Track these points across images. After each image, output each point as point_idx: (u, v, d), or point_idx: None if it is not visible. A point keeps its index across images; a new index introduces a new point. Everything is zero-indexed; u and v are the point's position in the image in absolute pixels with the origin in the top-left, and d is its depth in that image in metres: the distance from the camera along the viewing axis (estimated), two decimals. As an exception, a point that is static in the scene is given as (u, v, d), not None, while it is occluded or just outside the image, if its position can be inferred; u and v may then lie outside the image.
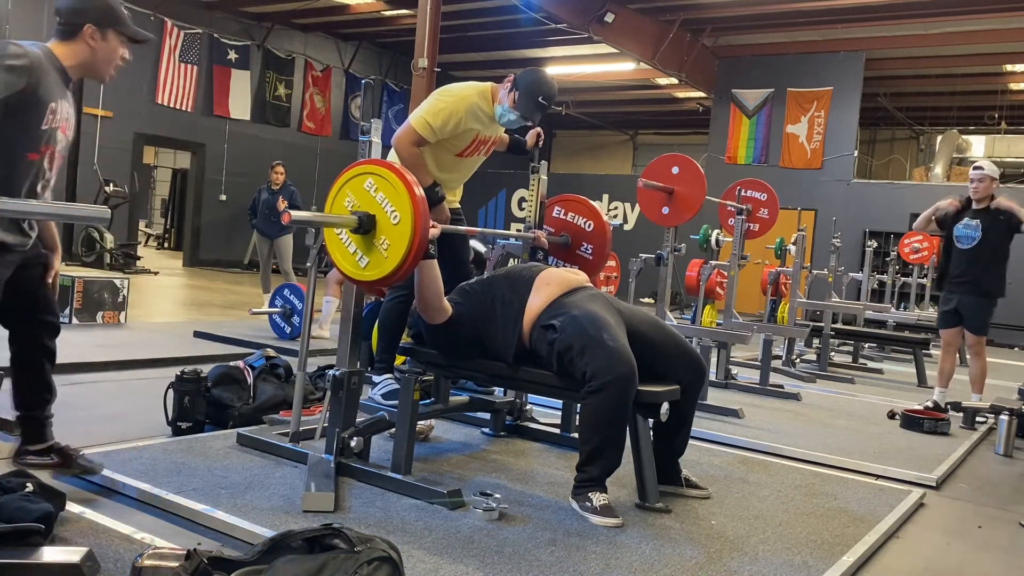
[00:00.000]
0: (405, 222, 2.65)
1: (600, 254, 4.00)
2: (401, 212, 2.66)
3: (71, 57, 2.43)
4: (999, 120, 16.46)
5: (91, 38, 2.43)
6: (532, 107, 3.57)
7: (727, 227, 6.51)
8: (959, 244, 5.59)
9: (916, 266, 11.41)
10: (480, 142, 3.75)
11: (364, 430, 3.09)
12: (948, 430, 4.97)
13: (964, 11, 12.45)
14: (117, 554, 2.18)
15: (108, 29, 2.46)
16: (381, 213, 2.71)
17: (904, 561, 2.81)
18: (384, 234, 2.70)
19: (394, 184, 2.69)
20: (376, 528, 2.49)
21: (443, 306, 3.17)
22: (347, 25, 16.18)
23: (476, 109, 3.62)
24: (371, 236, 2.73)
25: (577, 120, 20.92)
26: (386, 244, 2.70)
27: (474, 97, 3.63)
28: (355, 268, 2.80)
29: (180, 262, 15.59)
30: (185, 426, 3.53)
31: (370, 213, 2.72)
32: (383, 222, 2.71)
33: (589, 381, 2.81)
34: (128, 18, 2.53)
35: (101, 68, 2.50)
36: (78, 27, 2.42)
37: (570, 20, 12.95)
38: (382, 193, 2.71)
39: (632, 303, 5.99)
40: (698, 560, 2.52)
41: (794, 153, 15.66)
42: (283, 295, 6.43)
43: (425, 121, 3.55)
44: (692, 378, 3.15)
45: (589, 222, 4.00)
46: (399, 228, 2.67)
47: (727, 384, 5.93)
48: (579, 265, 4.00)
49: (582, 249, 4.01)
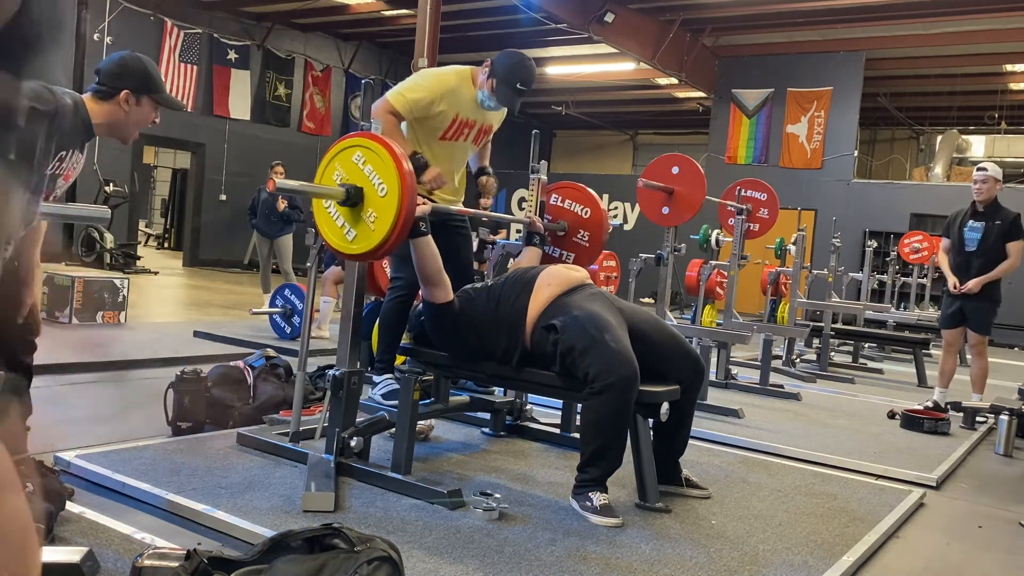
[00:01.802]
0: (392, 194, 2.66)
1: (596, 242, 3.96)
2: (388, 184, 2.67)
3: (102, 116, 2.46)
4: (999, 120, 16.46)
5: (125, 102, 2.47)
6: (510, 94, 3.56)
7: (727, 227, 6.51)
8: (966, 247, 5.60)
9: (916, 266, 11.41)
10: (464, 125, 3.70)
11: (364, 430, 3.09)
12: (948, 430, 4.97)
13: (964, 11, 12.45)
14: (117, 554, 2.18)
15: (144, 96, 2.50)
16: (369, 185, 2.72)
17: (904, 561, 2.81)
18: (372, 206, 2.71)
19: (382, 156, 2.70)
20: (376, 528, 2.49)
21: (444, 281, 3.16)
22: (347, 25, 16.17)
23: (456, 91, 3.61)
24: (359, 209, 2.74)
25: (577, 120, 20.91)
26: (373, 216, 2.70)
27: (453, 80, 3.63)
28: (343, 241, 2.80)
29: (180, 262, 15.58)
30: (185, 426, 3.53)
31: (357, 185, 2.73)
32: (371, 194, 2.71)
33: (591, 383, 2.80)
34: (163, 85, 2.57)
35: (129, 130, 2.54)
36: (115, 91, 2.46)
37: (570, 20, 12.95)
38: (370, 166, 2.72)
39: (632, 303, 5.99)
40: (698, 560, 2.52)
41: (794, 153, 15.65)
42: (283, 295, 6.43)
43: (401, 94, 3.54)
44: (692, 377, 3.15)
45: (587, 209, 3.97)
46: (386, 200, 2.67)
47: (727, 384, 5.92)
48: (575, 252, 3.99)
49: (579, 236, 3.99)
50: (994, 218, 5.51)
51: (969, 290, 5.50)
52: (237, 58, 15.37)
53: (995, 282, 5.54)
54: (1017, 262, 5.47)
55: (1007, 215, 5.52)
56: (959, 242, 5.63)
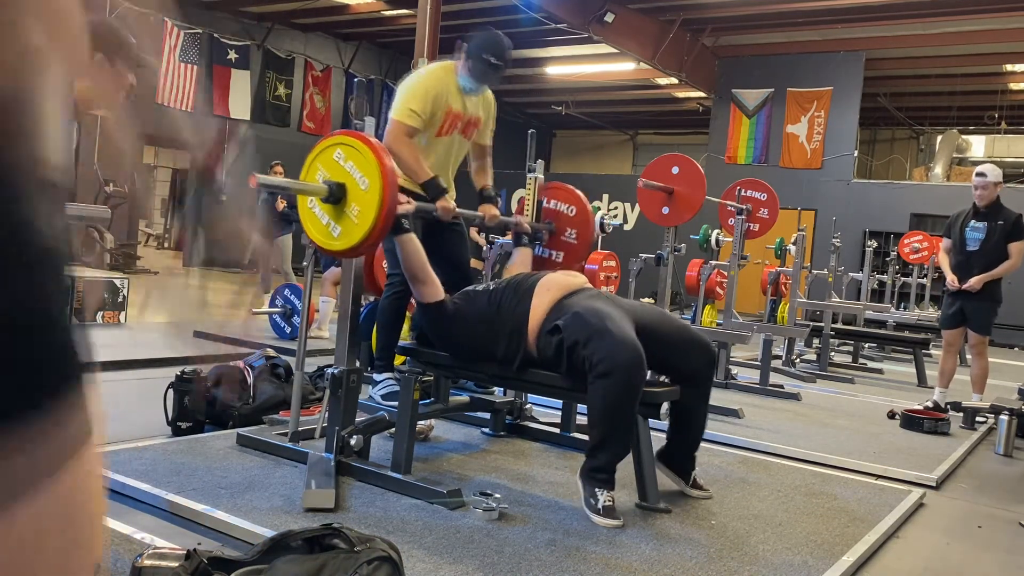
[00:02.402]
0: (374, 187, 2.69)
1: (584, 239, 4.01)
2: (370, 178, 2.70)
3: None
4: (999, 120, 16.46)
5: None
6: (483, 69, 3.56)
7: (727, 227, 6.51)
8: (967, 246, 5.60)
9: (916, 266, 11.41)
10: (455, 117, 3.70)
11: (364, 429, 3.09)
12: (948, 430, 4.97)
13: (964, 11, 12.45)
14: (117, 554, 2.18)
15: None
16: (351, 181, 2.74)
17: (904, 561, 2.81)
18: (354, 201, 2.74)
19: (362, 151, 2.73)
20: (376, 528, 2.49)
21: (430, 278, 3.18)
22: (347, 25, 16.17)
23: (444, 82, 3.62)
24: (342, 205, 2.76)
25: (577, 120, 20.90)
26: (356, 211, 2.73)
27: (439, 72, 3.65)
28: (327, 238, 2.83)
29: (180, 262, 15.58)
30: (185, 426, 3.53)
31: (340, 182, 2.75)
32: (353, 189, 2.74)
33: (596, 366, 2.78)
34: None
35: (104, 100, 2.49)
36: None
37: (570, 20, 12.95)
38: (351, 162, 2.75)
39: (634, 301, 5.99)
40: (698, 560, 2.52)
41: (794, 153, 15.65)
42: (283, 295, 6.43)
43: (409, 110, 3.53)
44: (705, 364, 3.17)
45: (572, 207, 4.02)
46: (368, 194, 2.70)
47: (727, 384, 5.92)
48: (564, 251, 4.01)
49: (567, 235, 4.03)
50: (996, 218, 5.52)
51: (971, 287, 5.49)
52: (237, 58, 15.37)
53: (996, 282, 5.54)
54: (1018, 262, 5.47)
55: (1009, 215, 5.52)
56: (960, 242, 5.64)
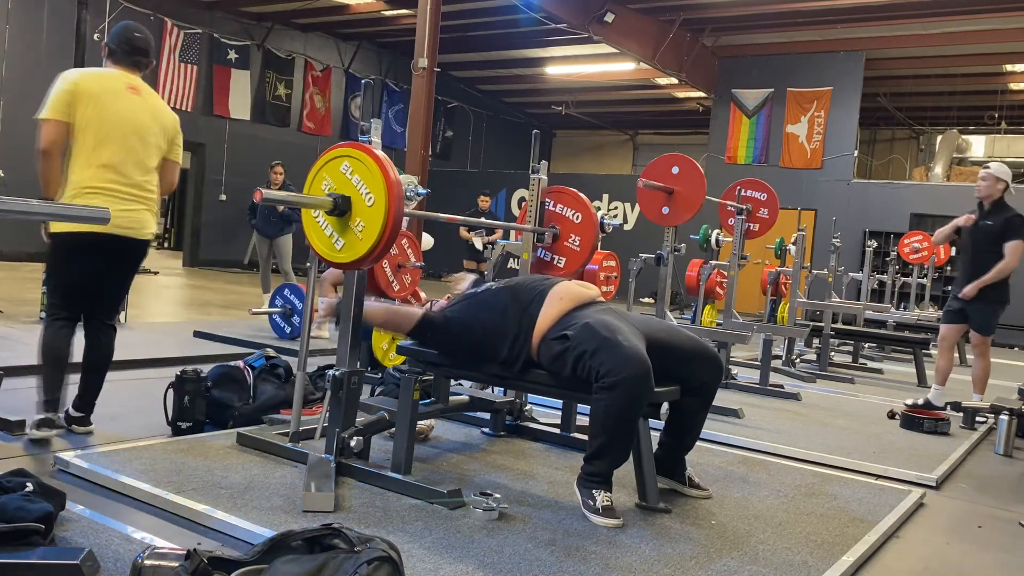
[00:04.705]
0: (379, 204, 2.68)
1: (587, 246, 4.02)
2: (376, 194, 2.69)
3: None
4: (999, 120, 16.47)
5: None
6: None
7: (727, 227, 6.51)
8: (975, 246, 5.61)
9: (916, 266, 11.41)
10: None
11: (364, 430, 3.09)
12: (948, 430, 4.96)
13: (964, 11, 12.46)
14: (117, 554, 2.18)
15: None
16: (357, 195, 2.74)
17: (904, 561, 2.81)
18: (359, 216, 2.73)
19: (369, 167, 2.73)
20: (376, 528, 2.49)
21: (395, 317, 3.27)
22: (347, 25, 16.18)
23: None
24: (347, 218, 2.76)
25: (577, 120, 20.92)
26: (361, 226, 2.72)
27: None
28: (331, 250, 2.83)
29: (180, 262, 15.58)
30: (185, 426, 3.53)
31: (345, 195, 2.75)
32: (358, 204, 2.73)
33: (602, 378, 2.79)
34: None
35: None
36: None
37: (570, 20, 12.96)
38: (357, 175, 2.74)
39: (632, 303, 6.00)
40: (698, 560, 2.52)
41: (794, 153, 15.65)
42: (283, 295, 6.43)
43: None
44: (714, 375, 3.18)
45: (578, 214, 4.02)
46: (373, 210, 2.69)
47: (727, 384, 5.92)
48: (566, 257, 4.02)
49: (570, 241, 4.03)
50: (998, 219, 5.52)
51: (965, 296, 5.52)
52: (237, 58, 15.37)
53: (1002, 283, 5.53)
54: (1012, 261, 5.46)
55: (1006, 215, 5.51)
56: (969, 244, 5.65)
